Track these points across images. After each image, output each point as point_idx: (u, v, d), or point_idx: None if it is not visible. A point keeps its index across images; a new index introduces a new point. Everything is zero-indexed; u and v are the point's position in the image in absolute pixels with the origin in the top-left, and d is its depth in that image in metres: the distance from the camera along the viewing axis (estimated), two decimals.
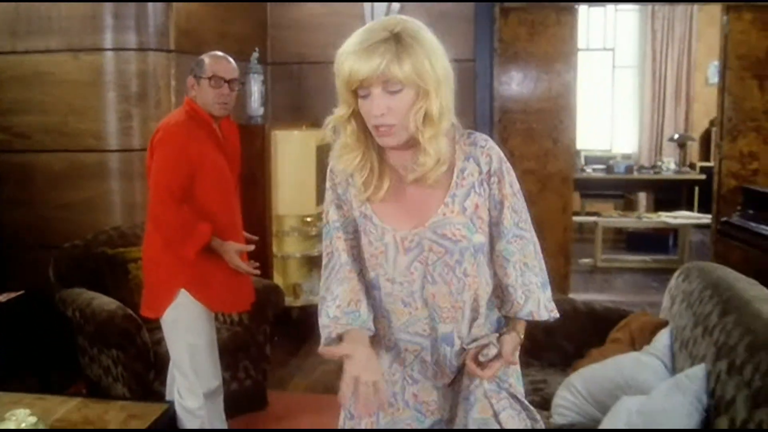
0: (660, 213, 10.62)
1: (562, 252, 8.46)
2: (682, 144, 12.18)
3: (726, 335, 3.08)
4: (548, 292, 2.65)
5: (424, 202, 2.57)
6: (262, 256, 6.49)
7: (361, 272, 2.69)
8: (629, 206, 12.41)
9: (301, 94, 8.61)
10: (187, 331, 4.26)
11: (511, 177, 2.58)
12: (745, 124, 8.03)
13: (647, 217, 10.42)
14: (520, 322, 2.65)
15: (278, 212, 7.08)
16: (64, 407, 4.09)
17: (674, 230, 10.41)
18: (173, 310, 4.22)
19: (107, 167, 6.27)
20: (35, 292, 5.77)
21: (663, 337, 3.68)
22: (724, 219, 7.53)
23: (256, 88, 7.17)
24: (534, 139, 8.38)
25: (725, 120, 8.11)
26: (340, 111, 2.53)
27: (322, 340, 2.65)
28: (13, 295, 5.72)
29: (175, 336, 4.28)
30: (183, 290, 4.19)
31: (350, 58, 2.37)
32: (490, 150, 2.57)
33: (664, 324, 3.85)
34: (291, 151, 7.07)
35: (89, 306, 4.96)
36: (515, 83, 8.38)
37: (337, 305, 2.62)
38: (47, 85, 6.24)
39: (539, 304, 2.60)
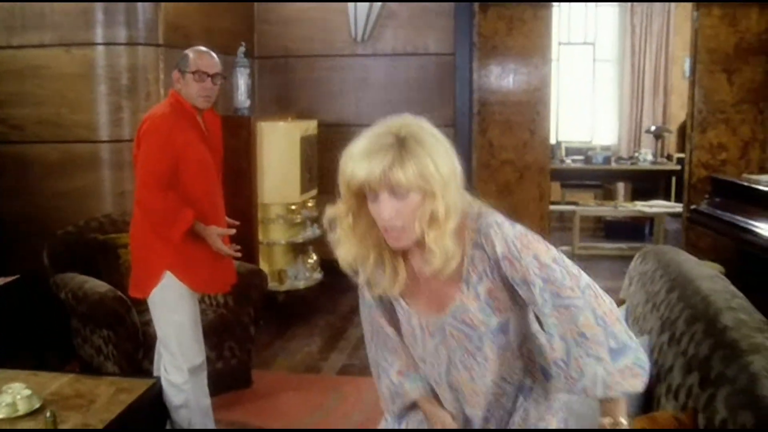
0: (636, 202, 10.83)
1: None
2: (658, 135, 12.36)
3: (669, 310, 3.27)
4: (621, 361, 2.39)
5: (442, 290, 2.58)
6: (249, 243, 6.71)
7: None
8: (608, 196, 12.58)
9: (286, 86, 8.83)
10: (172, 310, 4.43)
11: (531, 251, 2.44)
12: (715, 116, 8.27)
13: (623, 206, 10.60)
14: (610, 403, 2.47)
15: (264, 201, 7.22)
16: (57, 382, 4.25)
17: (650, 219, 10.61)
18: (159, 291, 4.38)
19: (99, 157, 6.44)
20: (30, 277, 5.88)
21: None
22: (693, 207, 7.71)
23: (242, 81, 7.29)
24: (512, 130, 8.62)
25: (696, 112, 8.34)
26: (338, 209, 2.59)
27: (392, 407, 2.95)
28: (9, 279, 5.79)
29: (161, 315, 4.46)
30: (168, 272, 4.36)
31: (353, 161, 2.41)
32: (494, 237, 2.48)
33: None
34: (276, 142, 7.22)
35: (82, 289, 5.17)
36: (494, 76, 8.62)
37: (397, 371, 2.83)
38: (41, 78, 6.39)
39: (596, 378, 2.39)
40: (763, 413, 2.18)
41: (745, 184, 6.92)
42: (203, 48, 4.65)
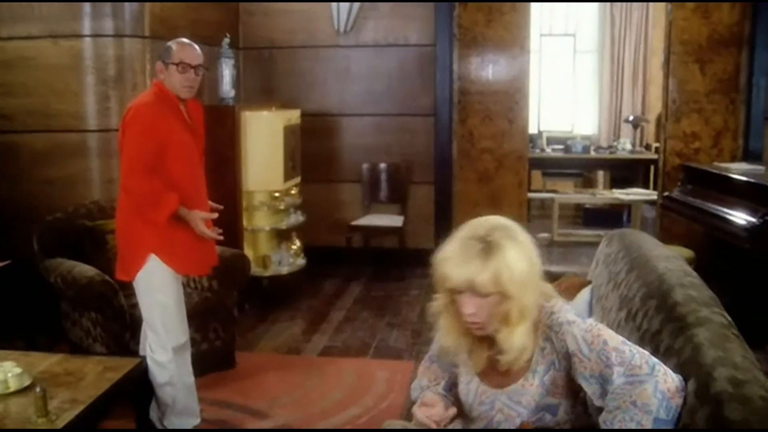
0: (614, 190, 10.99)
1: None
2: (636, 125, 12.48)
3: (628, 288, 3.41)
4: None
5: (509, 370, 2.75)
6: (233, 229, 6.87)
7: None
8: (588, 184, 12.75)
9: (271, 77, 8.99)
10: (157, 291, 4.57)
11: (602, 338, 2.59)
12: (688, 106, 8.44)
13: (601, 194, 10.78)
14: None
15: (248, 188, 7.33)
16: (47, 361, 4.38)
17: (628, 206, 10.76)
18: (144, 273, 4.52)
19: (87, 146, 6.57)
20: (20, 262, 5.99)
21: (584, 294, 4.03)
22: (666, 194, 7.86)
23: (227, 71, 7.43)
24: (491, 119, 8.79)
25: (670, 102, 8.51)
26: (438, 302, 2.82)
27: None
28: (0, 264, 5.96)
29: (146, 296, 4.60)
30: (153, 255, 4.50)
31: (445, 264, 2.62)
32: (565, 335, 2.66)
33: (587, 283, 4.21)
34: (260, 131, 7.32)
35: (70, 273, 5.29)
36: (473, 67, 8.78)
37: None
38: (30, 69, 6.52)
39: None
40: (704, 380, 2.33)
41: (716, 171, 7.06)
42: (186, 40, 4.73)
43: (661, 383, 2.44)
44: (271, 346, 6.50)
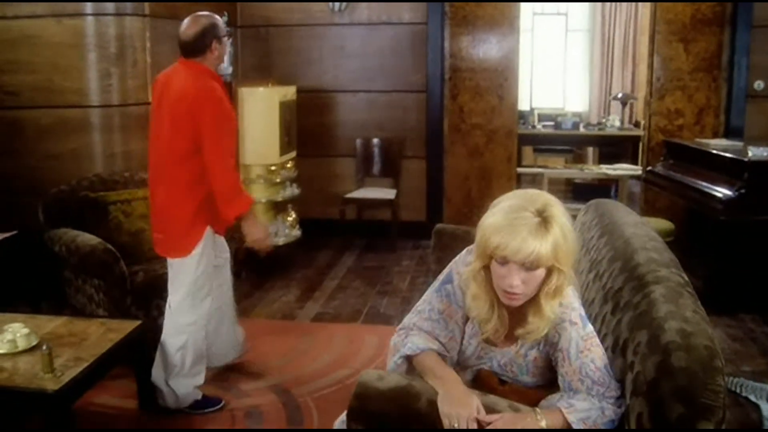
0: (602, 165, 11.15)
1: None
2: (624, 102, 12.57)
3: (597, 252, 3.62)
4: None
5: (509, 334, 2.88)
6: None
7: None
8: (578, 160, 12.86)
9: (267, 54, 9.15)
10: (208, 260, 4.76)
11: (591, 354, 2.73)
12: (672, 83, 8.60)
13: (589, 169, 10.93)
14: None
15: (245, 162, 7.50)
16: (53, 323, 4.64)
17: (615, 181, 10.93)
18: (200, 246, 4.67)
19: (89, 121, 6.72)
20: (26, 232, 6.22)
21: None
22: (649, 168, 8.09)
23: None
24: (481, 95, 8.95)
25: (654, 80, 8.68)
26: (474, 266, 2.78)
27: (397, 358, 3.00)
28: (7, 234, 6.19)
29: (198, 267, 4.70)
30: (209, 227, 4.71)
31: (499, 235, 2.59)
32: (562, 330, 2.77)
33: None
34: (257, 107, 7.49)
35: (74, 242, 5.49)
36: (464, 44, 8.92)
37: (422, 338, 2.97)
38: (34, 47, 6.66)
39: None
40: (656, 331, 2.54)
41: (695, 147, 7.25)
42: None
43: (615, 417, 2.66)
44: (266, 312, 6.70)
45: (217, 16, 4.69)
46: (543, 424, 2.67)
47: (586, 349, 2.73)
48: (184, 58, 4.62)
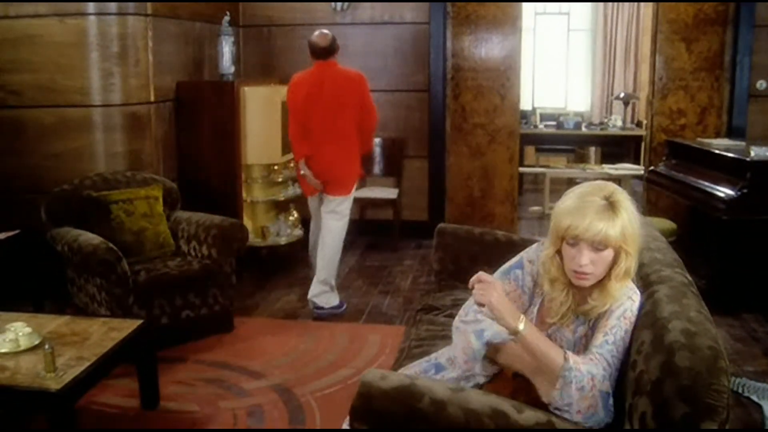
0: (603, 165, 11.17)
1: (508, 199, 9.05)
2: (627, 102, 12.59)
3: None
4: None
5: (560, 320, 2.95)
6: (233, 200, 7.13)
7: None
8: (580, 159, 12.86)
9: (269, 54, 9.16)
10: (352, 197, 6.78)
11: (625, 325, 2.78)
12: (674, 83, 8.60)
13: (591, 169, 10.93)
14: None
15: (247, 161, 7.48)
16: (55, 322, 4.64)
17: (617, 180, 10.94)
18: (355, 186, 6.77)
19: (91, 121, 6.74)
20: (29, 231, 6.24)
21: None
22: (651, 168, 8.08)
23: (227, 48, 7.61)
24: (483, 95, 8.95)
25: (657, 79, 8.68)
26: (549, 251, 2.90)
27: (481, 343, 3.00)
28: (10, 233, 6.19)
29: (348, 201, 6.76)
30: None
31: (571, 217, 2.74)
32: (616, 306, 2.81)
33: None
34: (259, 106, 7.47)
35: (76, 241, 5.51)
36: (466, 44, 8.92)
37: None
38: (37, 46, 6.67)
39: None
40: (660, 331, 2.56)
41: (697, 146, 7.25)
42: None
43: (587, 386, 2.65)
44: (268, 311, 6.70)
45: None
46: (520, 327, 2.74)
47: (626, 319, 2.79)
48: (323, 60, 6.48)
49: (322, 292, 6.59)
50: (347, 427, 3.08)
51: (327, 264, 6.66)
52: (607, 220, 2.71)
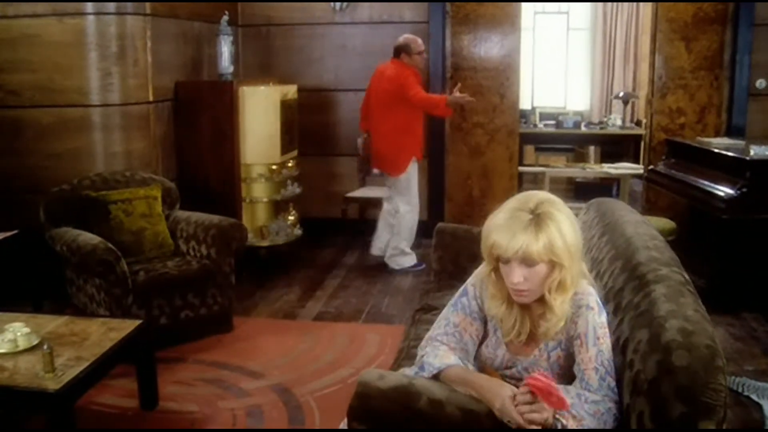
0: (603, 164, 11.14)
1: (508, 197, 8.90)
2: (626, 101, 12.57)
3: (599, 251, 3.63)
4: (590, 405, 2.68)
5: (529, 340, 2.92)
6: (232, 200, 7.12)
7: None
8: (580, 159, 12.81)
9: (268, 53, 9.17)
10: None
11: (604, 344, 2.76)
12: (674, 81, 8.60)
13: (590, 168, 10.91)
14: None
15: (246, 161, 7.45)
16: (54, 323, 4.63)
17: (617, 179, 10.95)
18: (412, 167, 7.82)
19: (90, 120, 6.74)
20: (27, 231, 6.23)
21: None
22: (650, 167, 8.08)
23: (226, 48, 7.58)
24: (483, 94, 8.93)
25: (656, 78, 8.67)
26: (485, 269, 2.90)
27: (426, 371, 2.96)
28: (9, 234, 6.19)
29: (399, 183, 7.85)
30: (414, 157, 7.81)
31: (495, 234, 2.71)
32: (579, 317, 2.80)
33: None
34: (258, 106, 7.45)
35: (75, 242, 5.51)
36: (466, 43, 8.92)
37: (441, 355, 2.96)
38: (35, 46, 6.67)
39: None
40: (657, 330, 2.54)
41: (697, 146, 7.25)
42: (409, 35, 7.80)
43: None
44: (267, 311, 6.69)
45: (412, 39, 7.74)
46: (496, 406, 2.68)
47: (601, 336, 2.78)
48: (393, 57, 7.78)
49: (392, 256, 8.00)
50: (345, 428, 3.08)
51: (395, 233, 8.04)
52: (528, 235, 2.67)
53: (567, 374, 2.90)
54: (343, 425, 3.11)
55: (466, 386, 2.82)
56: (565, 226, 2.73)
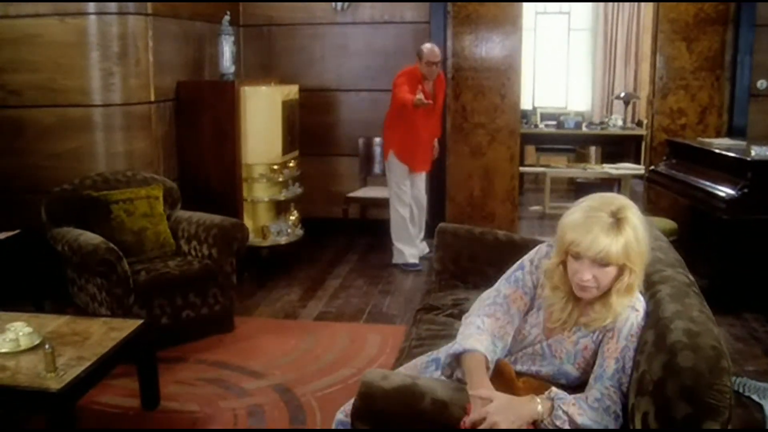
0: (604, 165, 11.16)
1: (509, 198, 9.04)
2: (627, 102, 12.59)
3: None
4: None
5: (561, 325, 2.95)
6: (233, 200, 7.13)
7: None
8: (581, 159, 12.84)
9: (270, 53, 9.17)
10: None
11: (633, 344, 2.77)
12: (675, 82, 8.60)
13: (592, 168, 10.93)
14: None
15: (248, 161, 7.45)
16: (55, 322, 4.63)
17: (618, 180, 10.96)
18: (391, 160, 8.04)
19: (92, 120, 6.74)
20: (29, 231, 6.25)
21: None
22: (651, 168, 8.08)
23: (227, 48, 7.60)
24: (484, 94, 8.94)
25: (657, 79, 8.67)
26: (554, 261, 2.90)
27: (452, 349, 3.00)
28: (10, 233, 6.21)
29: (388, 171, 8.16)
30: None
31: (574, 231, 2.72)
32: (623, 317, 2.81)
33: None
34: (259, 106, 7.45)
35: (77, 241, 5.50)
36: (467, 44, 8.91)
37: (488, 329, 2.99)
38: (37, 46, 6.67)
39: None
40: (662, 331, 2.56)
41: (698, 146, 7.25)
42: (432, 45, 7.84)
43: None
44: (269, 311, 6.69)
45: (425, 48, 7.77)
46: (539, 409, 2.72)
47: (635, 335, 2.79)
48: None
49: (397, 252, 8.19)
50: (342, 418, 3.11)
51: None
52: (610, 238, 2.69)
53: (584, 369, 2.92)
54: (340, 414, 3.15)
55: (467, 380, 2.87)
56: (641, 233, 2.75)
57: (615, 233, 2.69)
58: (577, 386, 2.91)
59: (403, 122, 7.80)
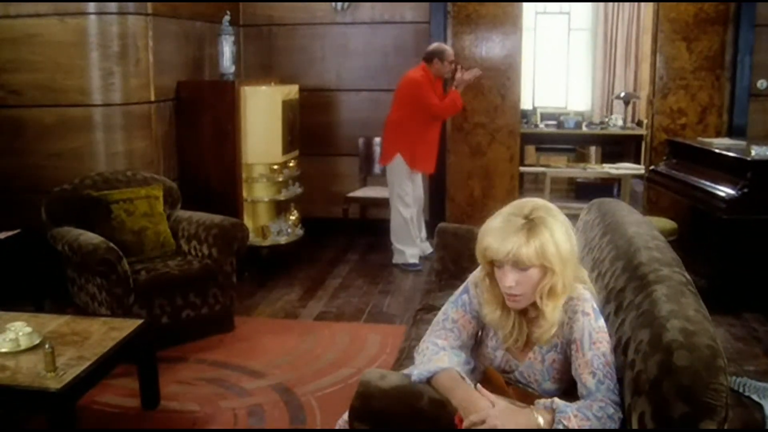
0: (604, 165, 11.15)
1: (509, 198, 8.75)
2: (627, 102, 12.58)
3: (600, 251, 3.63)
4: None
5: (525, 348, 2.94)
6: (233, 199, 7.14)
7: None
8: (581, 159, 12.81)
9: (270, 53, 9.18)
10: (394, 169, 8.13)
11: (602, 348, 2.74)
12: (675, 82, 8.60)
13: (591, 168, 10.91)
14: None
15: (248, 161, 7.46)
16: (55, 322, 4.64)
17: (618, 180, 10.95)
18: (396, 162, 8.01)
19: (92, 120, 6.74)
20: (29, 231, 6.25)
21: None
22: (651, 168, 8.08)
23: (227, 48, 7.60)
24: (484, 94, 8.95)
25: (657, 79, 8.68)
26: (480, 274, 2.92)
27: (416, 376, 2.89)
28: (10, 233, 6.21)
29: (389, 174, 8.13)
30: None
31: (488, 238, 2.73)
32: (575, 322, 2.80)
33: None
34: (259, 105, 7.45)
35: (77, 241, 5.51)
36: (467, 43, 8.92)
37: (443, 347, 2.98)
38: (37, 46, 6.67)
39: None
40: (658, 330, 2.54)
41: (698, 146, 7.26)
42: (444, 44, 8.08)
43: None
44: (269, 311, 6.70)
45: (446, 51, 7.89)
46: (540, 422, 2.68)
47: (597, 341, 2.76)
48: (424, 62, 7.92)
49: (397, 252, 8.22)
50: (342, 425, 3.08)
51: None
52: (520, 238, 2.68)
53: (564, 378, 2.91)
54: (341, 422, 3.11)
55: (449, 397, 2.81)
56: (558, 233, 2.74)
57: (526, 234, 2.69)
58: (564, 393, 2.90)
59: (416, 126, 7.85)
